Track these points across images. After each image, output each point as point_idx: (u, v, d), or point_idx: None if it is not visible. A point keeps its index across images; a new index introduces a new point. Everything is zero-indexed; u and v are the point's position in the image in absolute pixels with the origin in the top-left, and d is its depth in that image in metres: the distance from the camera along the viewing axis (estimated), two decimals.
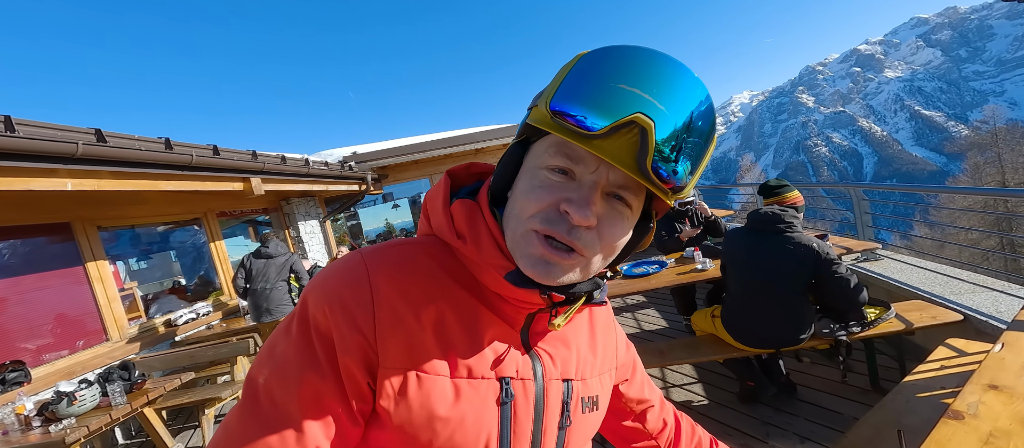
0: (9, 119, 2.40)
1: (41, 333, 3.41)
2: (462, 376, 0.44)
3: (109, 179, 2.99)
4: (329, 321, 0.41)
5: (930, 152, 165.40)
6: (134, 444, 3.49)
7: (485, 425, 0.44)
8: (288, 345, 0.42)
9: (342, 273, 0.43)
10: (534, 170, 0.42)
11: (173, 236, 5.61)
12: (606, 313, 0.62)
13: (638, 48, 0.38)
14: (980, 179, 25.21)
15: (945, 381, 1.50)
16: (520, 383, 0.46)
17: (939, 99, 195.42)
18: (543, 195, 0.40)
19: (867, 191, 2.96)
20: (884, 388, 2.12)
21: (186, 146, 3.62)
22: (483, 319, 0.46)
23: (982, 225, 6.79)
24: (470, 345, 0.45)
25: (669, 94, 0.37)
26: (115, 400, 2.48)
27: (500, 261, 0.44)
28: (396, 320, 0.42)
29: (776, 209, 1.93)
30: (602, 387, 0.56)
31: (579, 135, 0.37)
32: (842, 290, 1.79)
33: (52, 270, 3.58)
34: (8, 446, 2.24)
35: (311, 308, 0.42)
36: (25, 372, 3.08)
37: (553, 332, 0.51)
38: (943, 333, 1.92)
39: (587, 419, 0.53)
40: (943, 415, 0.97)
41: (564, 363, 0.51)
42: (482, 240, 0.45)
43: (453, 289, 0.46)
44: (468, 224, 0.46)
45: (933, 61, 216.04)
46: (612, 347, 0.61)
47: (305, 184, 5.56)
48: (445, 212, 0.48)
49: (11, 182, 2.44)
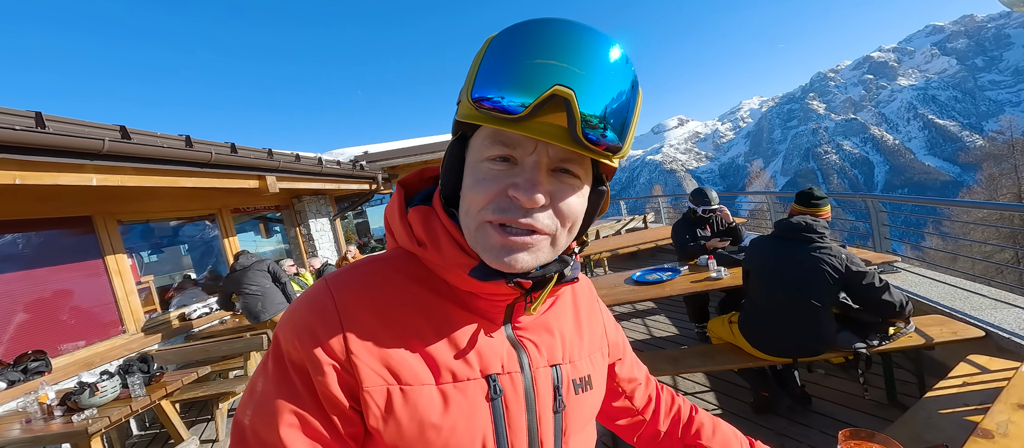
0: (40, 115, 2.46)
1: (61, 324, 3.49)
2: (447, 382, 0.43)
3: (132, 175, 3.05)
4: (301, 353, 0.41)
5: (943, 162, 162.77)
6: (148, 436, 3.55)
7: (478, 425, 0.44)
8: (267, 382, 0.42)
9: (308, 303, 0.44)
10: (475, 164, 0.42)
11: (188, 231, 5.70)
12: (588, 294, 0.62)
13: (542, 19, 0.38)
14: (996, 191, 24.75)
15: (968, 398, 1.48)
16: (507, 377, 0.46)
17: (953, 108, 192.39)
18: (489, 186, 0.40)
19: (885, 202, 2.93)
20: (902, 403, 2.10)
21: (205, 144, 3.69)
22: (460, 321, 0.46)
23: (997, 237, 6.69)
24: (450, 349, 0.44)
25: (582, 58, 0.37)
26: (135, 392, 2.52)
27: (463, 259, 0.44)
28: (369, 339, 0.42)
29: (808, 219, 1.92)
30: (594, 366, 0.56)
31: (506, 120, 0.37)
32: (878, 300, 1.78)
33: (73, 262, 3.66)
34: (31, 434, 2.30)
35: (283, 343, 0.43)
36: (46, 362, 3.15)
37: (537, 320, 0.51)
38: (964, 349, 1.90)
39: (582, 400, 0.52)
40: (972, 433, 0.97)
41: (550, 349, 0.50)
42: (441, 242, 0.45)
43: (425, 297, 0.46)
44: (425, 229, 0.46)
45: (948, 70, 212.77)
46: (599, 327, 0.61)
47: (318, 182, 5.62)
48: (403, 222, 0.48)
49: (41, 176, 2.50)
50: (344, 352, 0.41)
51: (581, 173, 0.42)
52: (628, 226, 6.96)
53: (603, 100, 0.37)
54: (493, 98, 0.37)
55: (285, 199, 6.52)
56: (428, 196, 0.51)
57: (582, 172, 0.42)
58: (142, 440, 3.49)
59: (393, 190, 0.52)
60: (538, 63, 0.36)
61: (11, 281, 3.26)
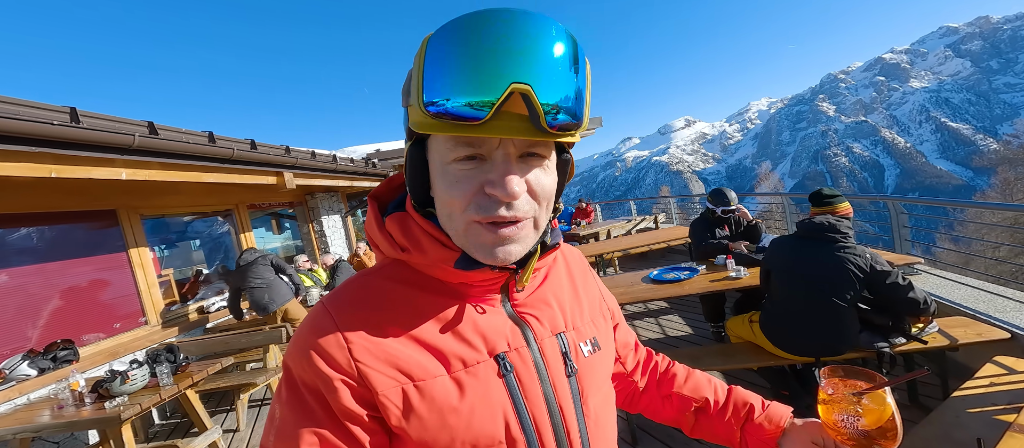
0: (74, 111, 2.53)
1: (87, 314, 3.58)
2: (458, 369, 0.45)
3: (159, 170, 3.13)
4: (311, 373, 0.43)
5: (956, 166, 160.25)
6: (169, 425, 3.63)
7: (496, 402, 0.45)
8: (283, 408, 0.44)
9: (310, 326, 0.45)
10: (443, 168, 0.42)
11: (206, 227, 5.80)
12: (581, 263, 0.64)
13: (479, 13, 0.37)
14: (1010, 195, 24.36)
15: (996, 398, 1.49)
16: (515, 353, 0.48)
17: (967, 111, 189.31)
18: (464, 188, 0.41)
19: (905, 205, 2.92)
20: (924, 404, 2.10)
21: (227, 140, 3.76)
22: (458, 311, 0.47)
23: (1012, 240, 6.66)
24: (455, 339, 0.46)
25: (531, 48, 0.36)
26: (163, 381, 2.59)
27: (445, 254, 0.45)
28: (373, 347, 0.43)
29: (830, 219, 1.93)
30: (598, 329, 0.58)
31: (466, 126, 0.37)
32: (903, 298, 1.78)
33: (98, 255, 3.75)
34: (65, 420, 2.37)
35: (293, 368, 0.44)
36: (74, 351, 3.24)
37: (534, 295, 0.53)
38: (989, 350, 1.89)
39: (594, 361, 0.54)
40: (1009, 429, 0.98)
41: (552, 320, 0.52)
42: (422, 243, 0.46)
43: (420, 297, 0.47)
44: (405, 235, 0.47)
45: (962, 72, 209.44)
46: (597, 293, 0.63)
47: (332, 179, 5.70)
48: (383, 233, 0.49)
49: (74, 170, 2.58)
50: (352, 364, 0.42)
51: (547, 152, 0.43)
52: (639, 226, 6.96)
53: (559, 84, 0.38)
54: (448, 106, 0.36)
55: (299, 196, 6.60)
56: (401, 202, 0.52)
57: (548, 150, 0.43)
58: (164, 429, 3.57)
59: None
60: (489, 61, 0.35)
61: (40, 272, 3.35)
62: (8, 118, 2.16)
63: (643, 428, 2.33)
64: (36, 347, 3.13)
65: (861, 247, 1.90)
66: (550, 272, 0.56)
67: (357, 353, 0.43)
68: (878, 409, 0.50)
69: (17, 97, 2.33)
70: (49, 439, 2.99)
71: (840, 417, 0.51)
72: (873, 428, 0.49)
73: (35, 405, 2.74)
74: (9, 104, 2.25)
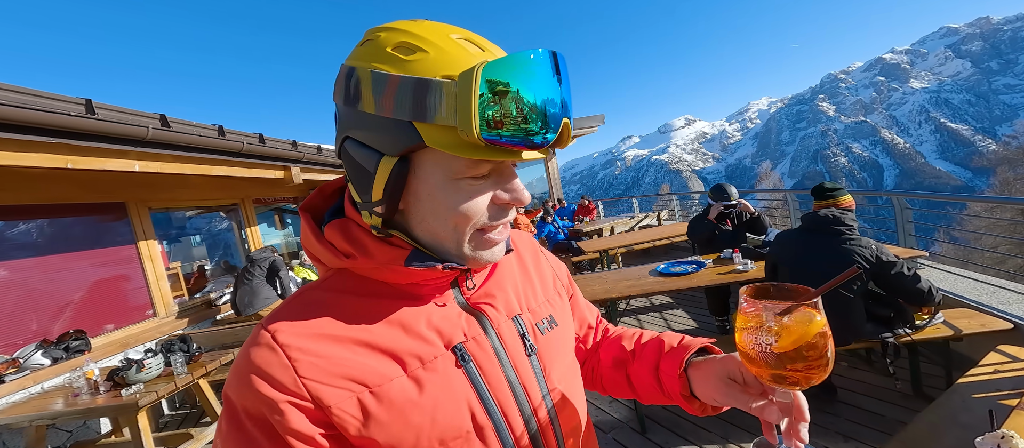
0: (90, 102, 2.56)
1: (97, 305, 3.61)
2: (416, 367, 0.44)
3: (171, 162, 3.16)
4: (254, 400, 0.40)
5: (955, 166, 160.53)
6: (179, 415, 3.67)
7: (459, 393, 0.45)
8: (225, 443, 0.41)
9: (248, 350, 0.42)
10: (453, 183, 0.42)
11: (206, 222, 5.83)
12: (530, 245, 0.65)
13: (538, 52, 0.39)
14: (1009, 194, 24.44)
15: (1000, 384, 1.53)
16: (472, 342, 0.47)
17: (966, 112, 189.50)
18: (480, 202, 0.43)
19: (909, 200, 2.96)
20: (927, 394, 2.15)
21: (237, 134, 3.78)
22: (409, 311, 0.46)
23: (1009, 245, 6.75)
24: (409, 338, 0.45)
25: (565, 83, 0.41)
26: (177, 370, 2.62)
27: (394, 253, 0.44)
28: (321, 362, 0.41)
29: (835, 212, 1.97)
30: (554, 307, 0.59)
31: (513, 153, 0.40)
32: (911, 288, 1.83)
33: (108, 247, 3.77)
34: (83, 407, 2.41)
35: (234, 398, 0.41)
36: (86, 341, 3.27)
37: (487, 283, 0.53)
38: (992, 341, 1.94)
39: (552, 337, 0.55)
40: (1016, 407, 1.02)
41: (506, 304, 0.53)
42: (368, 246, 0.45)
43: (367, 303, 0.46)
44: (348, 240, 0.46)
45: (962, 73, 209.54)
46: (548, 272, 0.64)
47: (338, 174, 5.72)
48: (323, 244, 0.47)
49: (90, 161, 2.60)
50: (298, 383, 0.40)
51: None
52: (642, 223, 7.00)
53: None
54: (510, 138, 0.39)
55: (304, 191, 6.63)
56: (337, 210, 0.51)
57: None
58: (174, 419, 3.61)
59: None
60: (549, 99, 0.39)
61: (51, 264, 3.37)
62: (27, 108, 2.18)
63: (651, 417, 2.37)
64: (49, 337, 3.16)
65: (866, 239, 1.94)
66: (499, 262, 0.56)
67: (303, 370, 0.40)
68: (799, 328, 0.41)
69: (34, 88, 2.35)
70: (63, 428, 3.03)
71: (753, 341, 0.43)
72: (790, 350, 0.41)
73: (49, 393, 2.78)
74: (27, 95, 2.28)
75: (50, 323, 3.28)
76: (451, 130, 0.38)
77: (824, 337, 0.42)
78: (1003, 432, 0.84)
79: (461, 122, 0.37)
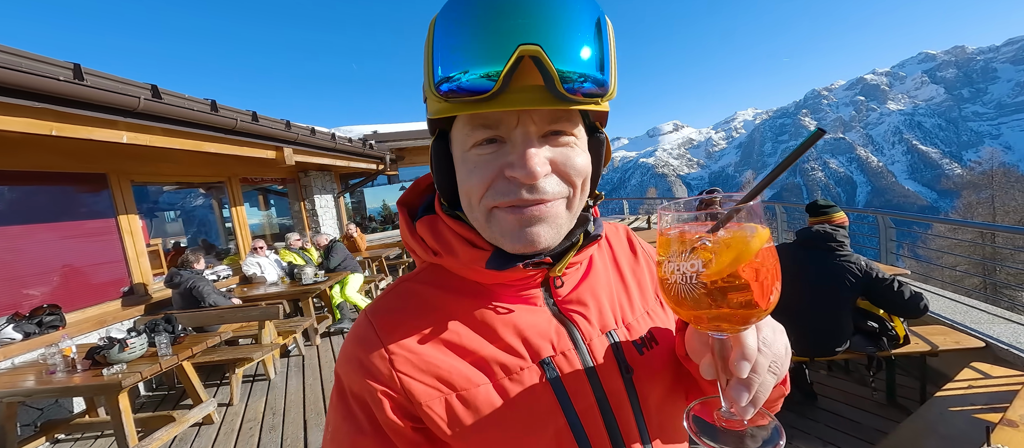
0: (79, 68, 2.43)
1: (73, 279, 3.45)
2: (501, 377, 0.43)
3: (161, 135, 3.03)
4: (358, 385, 0.43)
5: (922, 187, 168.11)
6: (156, 396, 3.56)
7: (545, 409, 0.42)
8: (336, 417, 0.45)
9: (355, 337, 0.45)
10: (463, 155, 0.40)
11: (196, 197, 5.64)
12: (625, 246, 0.58)
13: None
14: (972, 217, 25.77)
15: (974, 399, 1.63)
16: (561, 357, 0.44)
17: (937, 136, 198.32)
18: (484, 173, 0.39)
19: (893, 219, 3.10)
20: (901, 404, 2.27)
21: (230, 110, 3.66)
22: (499, 315, 0.45)
23: (967, 264, 7.24)
24: (496, 346, 0.44)
25: (539, 7, 0.34)
26: (161, 350, 2.54)
27: (476, 254, 0.43)
28: (415, 357, 0.42)
29: (828, 228, 2.05)
30: (656, 321, 0.52)
31: (480, 101, 0.35)
32: (899, 300, 1.92)
33: (86, 219, 3.61)
34: (62, 385, 2.31)
35: (343, 378, 0.45)
36: (61, 316, 3.13)
37: (581, 289, 0.48)
38: (965, 357, 2.06)
39: (652, 357, 0.48)
40: (999, 423, 1.10)
41: (600, 317, 0.48)
42: (453, 245, 0.45)
43: (459, 302, 0.45)
44: (435, 238, 0.46)
45: (936, 98, 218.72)
46: (649, 278, 0.56)
47: (329, 158, 5.60)
48: (415, 238, 0.48)
49: (76, 129, 2.48)
50: (394, 376, 0.42)
51: (573, 129, 0.39)
52: (632, 225, 7.10)
53: (574, 44, 0.34)
54: (457, 82, 0.34)
55: (293, 173, 6.46)
56: (430, 205, 0.50)
57: (573, 127, 0.39)
58: (151, 400, 3.50)
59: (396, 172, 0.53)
60: (492, 28, 0.33)
61: (25, 233, 3.20)
62: (11, 70, 2.06)
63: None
64: (21, 311, 3.01)
65: (856, 255, 2.03)
66: (594, 263, 0.51)
67: (399, 364, 0.42)
68: (737, 245, 0.31)
69: (18, 48, 2.22)
70: (33, 405, 2.91)
71: (673, 270, 0.33)
72: (725, 277, 0.31)
73: (20, 370, 2.66)
74: (11, 55, 2.15)
75: (22, 296, 3.13)
76: (431, 94, 0.37)
77: (772, 255, 0.32)
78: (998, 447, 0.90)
79: (427, 82, 0.36)
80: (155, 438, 2.54)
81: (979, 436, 1.31)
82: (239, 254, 5.48)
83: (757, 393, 0.34)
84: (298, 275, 4.56)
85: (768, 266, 0.32)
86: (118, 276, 3.79)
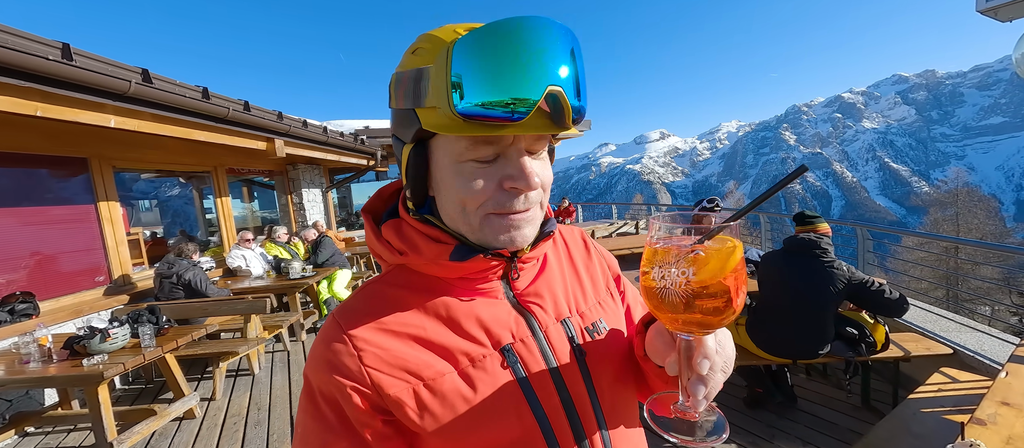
0: (67, 47, 2.36)
1: (48, 267, 3.32)
2: (466, 365, 0.46)
3: (150, 121, 2.96)
4: (327, 384, 0.45)
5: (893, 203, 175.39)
6: (133, 389, 3.45)
7: (508, 393, 0.46)
8: (305, 417, 0.47)
9: (323, 339, 0.47)
10: (457, 166, 0.43)
11: (178, 187, 5.48)
12: (580, 243, 0.64)
13: (507, 20, 0.39)
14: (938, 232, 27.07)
15: (944, 401, 1.74)
16: (520, 344, 0.48)
17: (907, 155, 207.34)
18: (484, 185, 0.43)
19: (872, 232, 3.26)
20: (874, 407, 2.38)
21: (222, 99, 3.58)
22: (461, 308, 0.48)
23: (934, 275, 7.80)
24: (460, 336, 0.47)
25: (559, 50, 0.39)
26: (144, 342, 2.47)
27: (440, 249, 0.47)
28: (382, 352, 0.45)
29: (813, 236, 2.15)
30: (605, 310, 0.58)
31: (497, 127, 0.39)
32: (882, 301, 2.03)
33: (64, 205, 3.48)
34: (40, 375, 2.23)
35: (311, 379, 0.47)
36: (34, 305, 3.01)
37: (537, 282, 0.53)
38: (935, 363, 2.19)
39: (603, 342, 0.53)
40: (969, 421, 1.18)
41: (555, 306, 0.53)
42: (417, 243, 0.48)
43: (424, 298, 0.49)
44: (401, 239, 0.49)
45: (907, 118, 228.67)
46: (601, 273, 0.62)
47: (320, 152, 5.52)
48: (382, 242, 0.51)
49: (62, 111, 2.40)
50: (363, 371, 0.44)
51: (545, 144, 0.46)
52: (620, 230, 7.22)
53: (578, 84, 0.41)
54: (484, 110, 0.38)
55: (281, 165, 6.34)
56: (394, 211, 0.54)
57: (546, 142, 0.46)
58: (128, 393, 3.39)
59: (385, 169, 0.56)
60: (530, 65, 0.38)
61: None
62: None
63: None
64: None
65: (840, 262, 2.14)
66: (549, 258, 0.57)
67: (367, 360, 0.44)
68: (720, 257, 0.36)
69: (5, 24, 2.14)
70: (3, 396, 2.79)
71: (661, 276, 0.37)
72: (708, 284, 0.36)
73: None
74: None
75: None
76: (440, 111, 0.40)
77: (743, 267, 0.37)
78: (971, 441, 0.97)
79: (439, 99, 0.40)
80: (134, 432, 2.47)
81: (949, 435, 1.40)
82: (223, 246, 5.34)
83: (711, 389, 0.41)
84: (285, 269, 4.49)
85: (741, 277, 0.37)
86: (96, 266, 3.66)
